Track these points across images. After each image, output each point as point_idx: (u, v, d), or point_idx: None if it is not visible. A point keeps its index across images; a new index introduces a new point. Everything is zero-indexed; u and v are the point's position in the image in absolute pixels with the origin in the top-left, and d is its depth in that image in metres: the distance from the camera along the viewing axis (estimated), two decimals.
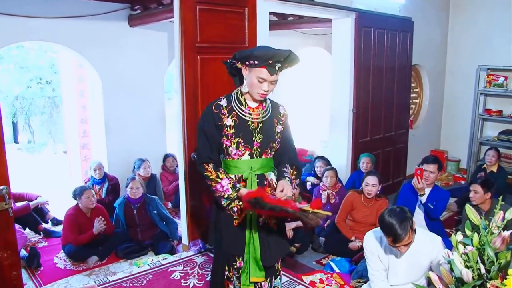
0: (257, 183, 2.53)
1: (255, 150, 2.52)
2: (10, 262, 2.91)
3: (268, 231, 2.57)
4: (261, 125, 2.53)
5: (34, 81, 12.09)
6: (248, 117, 2.51)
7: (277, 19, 6.84)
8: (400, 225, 2.66)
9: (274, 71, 2.38)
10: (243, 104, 2.52)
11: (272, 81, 2.42)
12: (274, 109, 2.61)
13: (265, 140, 2.54)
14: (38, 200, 5.42)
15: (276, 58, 2.35)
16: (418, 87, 7.54)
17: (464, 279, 1.84)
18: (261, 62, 2.35)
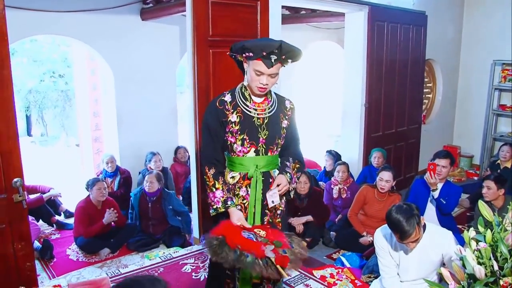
0: (263, 181, 2.49)
1: (261, 147, 2.47)
2: (24, 253, 2.95)
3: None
4: (266, 121, 2.47)
5: (47, 74, 12.20)
6: (254, 113, 2.45)
7: (289, 13, 6.82)
8: (407, 222, 2.66)
9: (270, 64, 2.30)
10: (248, 100, 2.46)
11: (270, 75, 2.34)
12: (280, 103, 2.56)
13: (271, 137, 2.48)
14: (51, 192, 5.47)
15: (267, 49, 2.27)
16: (431, 81, 7.47)
17: (476, 276, 1.83)
18: (255, 54, 2.29)
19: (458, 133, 8.04)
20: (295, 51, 2.37)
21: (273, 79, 2.37)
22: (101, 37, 5.65)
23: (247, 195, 2.50)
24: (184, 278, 3.65)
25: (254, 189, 2.47)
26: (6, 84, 2.71)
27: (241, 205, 2.51)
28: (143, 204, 4.95)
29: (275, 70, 2.34)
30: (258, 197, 2.47)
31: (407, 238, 2.69)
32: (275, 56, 2.29)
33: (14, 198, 2.83)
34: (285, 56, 2.34)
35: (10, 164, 2.79)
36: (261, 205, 2.48)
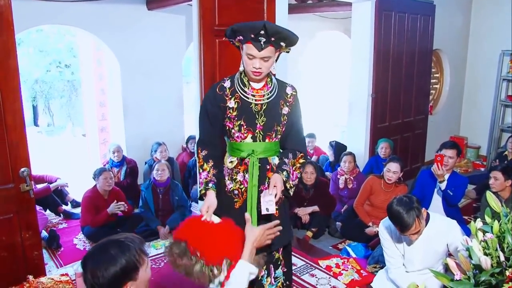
0: (259, 167, 2.48)
1: (258, 133, 2.46)
2: (32, 242, 2.97)
3: (268, 217, 2.42)
4: (265, 107, 2.45)
5: (53, 64, 12.22)
6: (251, 99, 2.43)
7: (296, 2, 6.78)
8: (407, 214, 2.67)
9: (259, 46, 2.26)
10: (246, 86, 2.44)
11: (263, 58, 2.30)
12: (281, 89, 2.50)
13: (269, 123, 2.45)
14: (58, 182, 5.49)
15: (253, 30, 2.25)
16: (438, 72, 7.42)
17: (482, 266, 1.82)
18: (245, 37, 2.29)
19: (465, 124, 8.00)
20: (283, 33, 2.29)
21: (266, 63, 2.33)
22: (107, 27, 5.64)
23: (244, 181, 2.51)
24: None
25: (251, 174, 2.46)
26: (12, 74, 2.72)
27: (238, 190, 2.53)
28: (154, 196, 4.97)
29: (266, 53, 2.29)
30: (254, 183, 2.45)
31: (407, 231, 2.70)
32: (264, 38, 2.25)
33: (21, 188, 2.85)
34: (274, 38, 2.28)
35: (17, 154, 2.81)
36: (257, 191, 2.45)
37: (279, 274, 2.69)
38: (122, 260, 1.63)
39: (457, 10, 7.21)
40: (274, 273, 2.67)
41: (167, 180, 4.99)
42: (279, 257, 2.68)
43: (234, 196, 2.56)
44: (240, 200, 2.54)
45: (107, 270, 1.60)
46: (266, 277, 2.65)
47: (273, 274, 2.67)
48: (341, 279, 3.62)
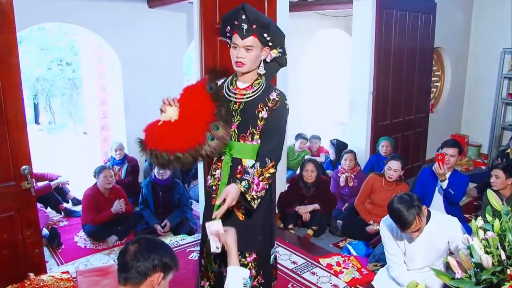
0: (230, 166, 2.45)
1: (233, 132, 2.43)
2: (33, 240, 2.98)
3: (231, 218, 2.43)
4: (242, 107, 2.41)
5: (54, 62, 12.22)
6: (232, 97, 2.43)
7: (297, 0, 6.77)
8: (407, 212, 2.68)
9: (242, 33, 2.26)
10: (232, 84, 2.46)
11: (245, 47, 2.29)
12: (265, 93, 2.41)
13: (243, 123, 2.42)
14: (59, 180, 5.50)
15: (234, 15, 2.29)
16: (439, 70, 7.41)
17: (483, 265, 1.82)
18: (231, 26, 2.33)
19: (466, 122, 7.99)
20: (261, 19, 2.29)
21: (249, 54, 2.30)
22: (108, 24, 5.64)
23: (220, 177, 2.49)
24: (190, 265, 3.67)
25: (222, 172, 2.47)
26: (14, 72, 2.72)
27: (216, 186, 2.53)
28: (154, 194, 4.98)
29: (249, 42, 2.28)
30: (223, 181, 2.44)
31: (408, 228, 2.70)
32: (245, 25, 2.26)
33: (23, 186, 2.85)
34: (255, 25, 2.26)
35: (18, 152, 2.81)
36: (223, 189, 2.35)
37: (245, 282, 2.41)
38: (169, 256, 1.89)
39: (458, 8, 7.20)
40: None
41: (168, 178, 4.99)
42: (248, 264, 2.56)
43: (212, 192, 2.57)
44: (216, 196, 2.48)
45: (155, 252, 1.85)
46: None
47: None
48: (342, 277, 3.62)
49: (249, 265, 2.56)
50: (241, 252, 2.45)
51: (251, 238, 2.50)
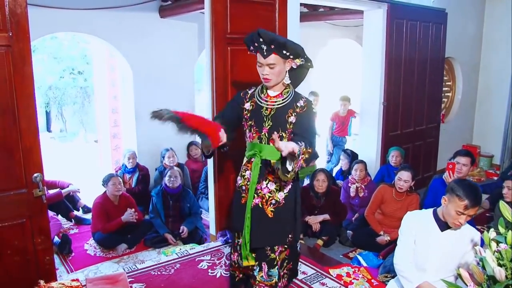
0: (260, 167, 2.64)
1: (264, 135, 2.64)
2: (44, 247, 2.99)
3: (261, 215, 2.65)
4: (273, 113, 2.62)
5: (66, 71, 12.35)
6: (264, 104, 2.64)
7: (308, 11, 6.79)
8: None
9: (262, 53, 2.49)
10: (263, 93, 2.67)
11: (269, 65, 2.49)
12: (294, 100, 2.63)
13: (274, 128, 2.60)
14: (70, 188, 5.54)
15: (252, 40, 2.51)
16: (450, 80, 7.37)
17: (496, 277, 1.80)
18: (253, 47, 2.56)
19: (477, 132, 7.93)
20: (277, 40, 2.46)
21: (273, 70, 2.51)
22: (120, 34, 5.69)
23: (250, 178, 2.69)
24: (200, 275, 3.66)
25: (252, 171, 2.66)
26: (27, 81, 2.75)
27: (245, 186, 2.72)
28: (165, 202, 4.99)
29: (271, 60, 2.48)
30: (253, 180, 2.65)
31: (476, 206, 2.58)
32: (264, 46, 2.47)
33: (34, 193, 2.87)
34: (273, 46, 2.45)
35: (30, 160, 2.83)
36: (254, 188, 2.65)
37: (273, 274, 2.76)
38: None
39: (470, 18, 7.18)
40: (268, 271, 2.75)
41: (178, 187, 5.00)
42: (275, 258, 2.75)
43: (242, 191, 2.75)
44: (246, 196, 2.70)
45: None
46: (258, 271, 2.76)
47: (266, 270, 2.75)
48: None
49: (276, 258, 2.74)
50: (271, 247, 2.70)
51: (279, 234, 2.71)
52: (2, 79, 2.67)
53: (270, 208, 2.66)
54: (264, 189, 2.66)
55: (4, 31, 2.64)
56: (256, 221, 2.64)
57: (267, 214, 2.66)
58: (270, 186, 2.65)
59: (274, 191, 2.65)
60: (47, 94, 12.91)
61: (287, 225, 2.73)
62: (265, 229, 2.65)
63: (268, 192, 2.65)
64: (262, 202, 2.65)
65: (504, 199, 3.94)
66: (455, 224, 2.65)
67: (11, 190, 2.81)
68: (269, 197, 2.65)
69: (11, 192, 2.81)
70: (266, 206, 2.66)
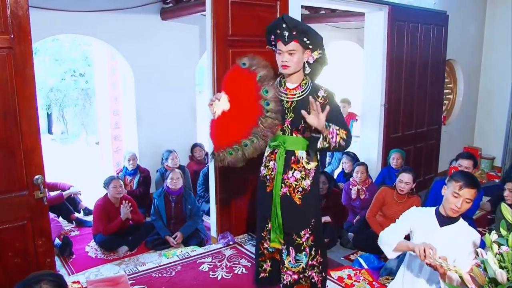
0: (285, 158, 2.79)
1: (286, 127, 2.76)
2: (44, 249, 3.00)
3: (290, 202, 2.82)
4: (294, 105, 2.73)
5: (68, 73, 12.36)
6: (284, 97, 2.75)
7: (309, 13, 6.80)
8: None
9: (284, 40, 2.59)
10: (282, 86, 2.78)
11: (288, 51, 2.60)
12: (313, 91, 2.74)
13: (296, 119, 2.71)
14: (71, 190, 5.54)
15: (276, 25, 2.61)
16: (452, 82, 7.37)
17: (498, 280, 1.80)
18: (275, 36, 2.65)
19: (479, 134, 7.93)
20: (301, 25, 2.60)
21: (292, 57, 2.62)
22: (121, 36, 5.70)
23: (274, 168, 2.84)
24: (201, 277, 3.66)
25: (277, 163, 2.80)
26: (29, 83, 2.76)
27: (270, 176, 2.89)
28: (167, 204, 4.99)
29: (291, 47, 2.60)
30: (279, 170, 2.79)
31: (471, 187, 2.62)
32: (286, 32, 2.57)
33: (35, 195, 2.88)
34: (295, 32, 2.56)
35: (31, 161, 2.84)
36: (281, 178, 2.80)
37: (301, 258, 2.91)
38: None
39: (471, 20, 7.18)
40: (296, 255, 2.90)
41: (180, 188, 5.00)
42: (303, 243, 2.89)
43: (266, 181, 2.91)
44: (271, 185, 2.87)
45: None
46: (286, 255, 2.93)
47: (293, 255, 2.90)
48: None
49: (303, 244, 2.90)
50: (297, 232, 2.87)
51: (306, 219, 2.88)
52: (4, 81, 2.68)
53: (297, 196, 2.82)
54: (290, 178, 2.80)
55: (6, 33, 2.65)
56: (286, 208, 2.81)
57: (295, 201, 2.82)
58: (296, 175, 2.79)
59: (300, 179, 2.80)
60: (48, 96, 12.93)
61: (313, 210, 2.91)
62: (294, 216, 2.83)
63: (295, 181, 2.80)
64: (289, 190, 2.81)
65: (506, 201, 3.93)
66: (453, 210, 2.67)
67: (12, 192, 2.82)
68: (296, 185, 2.81)
69: (12, 194, 2.82)
70: (294, 194, 2.81)
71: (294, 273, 2.94)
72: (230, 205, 4.36)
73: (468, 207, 2.69)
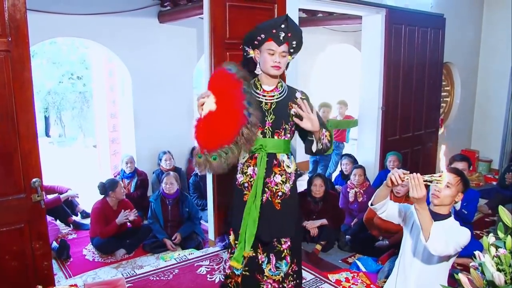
0: (267, 161, 2.66)
1: (267, 129, 2.64)
2: (42, 252, 2.99)
3: (269, 208, 2.67)
4: (274, 106, 2.65)
5: (65, 76, 12.36)
6: (262, 99, 2.65)
7: (306, 16, 6.81)
8: None
9: (279, 41, 2.52)
10: (258, 88, 2.67)
11: (281, 53, 2.54)
12: (291, 93, 2.70)
13: (277, 121, 2.64)
14: (69, 193, 5.53)
15: (277, 24, 2.52)
16: (449, 85, 7.39)
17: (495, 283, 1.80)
18: (266, 35, 2.53)
19: (476, 137, 7.94)
20: (299, 31, 2.60)
21: (283, 59, 2.56)
22: (119, 39, 5.70)
23: (254, 174, 2.69)
24: (199, 280, 3.65)
25: (258, 167, 2.66)
26: (26, 85, 2.76)
27: (248, 183, 2.71)
28: (163, 207, 4.99)
29: (284, 48, 2.55)
30: (260, 175, 2.65)
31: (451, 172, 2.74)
32: (283, 33, 2.52)
33: (33, 198, 2.87)
34: (291, 34, 2.54)
35: (29, 164, 2.83)
36: (262, 183, 2.65)
37: (281, 266, 2.79)
38: None
39: (468, 23, 7.20)
40: (276, 263, 2.79)
41: (176, 192, 5.00)
42: (284, 251, 2.78)
43: (244, 189, 2.74)
44: (248, 193, 2.71)
45: None
46: (266, 263, 2.80)
47: (274, 262, 2.79)
48: None
49: (284, 252, 2.78)
50: (278, 239, 2.75)
51: (287, 226, 2.75)
52: (1, 84, 2.67)
53: (277, 200, 2.70)
54: (271, 183, 2.69)
55: (3, 36, 2.64)
56: (266, 215, 2.66)
57: (275, 206, 2.70)
58: (276, 179, 2.68)
59: (281, 183, 2.69)
60: (46, 99, 12.92)
61: (293, 216, 2.79)
62: (274, 222, 2.69)
63: (275, 185, 2.69)
64: (270, 195, 2.69)
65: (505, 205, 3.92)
66: (433, 196, 2.78)
67: (9, 195, 2.81)
68: (276, 189, 2.69)
69: (10, 197, 2.81)
70: (274, 199, 2.70)
71: (274, 282, 2.81)
72: (228, 208, 4.35)
73: (449, 193, 2.74)
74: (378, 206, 2.91)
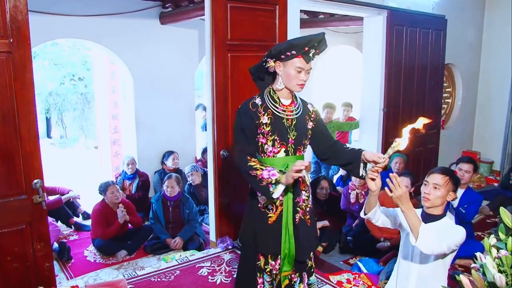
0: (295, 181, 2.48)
1: (290, 147, 2.54)
2: (43, 254, 2.99)
3: (304, 227, 2.59)
4: (295, 122, 2.54)
5: (67, 77, 12.37)
6: (283, 114, 2.51)
7: (308, 17, 6.81)
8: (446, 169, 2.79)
9: (309, 59, 2.44)
10: (277, 102, 2.52)
11: (308, 70, 2.46)
12: (304, 106, 2.63)
13: (299, 137, 2.55)
14: (70, 194, 5.53)
15: (311, 43, 2.40)
16: (450, 86, 7.38)
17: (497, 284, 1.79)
18: (297, 51, 2.40)
19: (478, 138, 7.93)
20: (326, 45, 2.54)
21: (308, 75, 2.49)
22: (120, 40, 5.71)
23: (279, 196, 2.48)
24: (200, 281, 3.65)
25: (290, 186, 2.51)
26: (28, 87, 2.76)
27: (272, 204, 2.55)
28: (165, 208, 5.00)
29: (310, 65, 2.48)
30: (289, 195, 2.54)
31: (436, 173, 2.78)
32: (313, 50, 2.44)
33: (34, 199, 2.87)
34: (319, 50, 2.49)
35: (30, 166, 2.83)
36: (292, 203, 2.55)
37: (313, 281, 2.77)
38: None
39: (469, 24, 7.20)
40: (308, 280, 2.74)
41: (177, 194, 5.00)
42: (312, 265, 2.75)
43: (268, 211, 2.56)
44: (274, 215, 2.56)
45: None
46: (299, 283, 2.71)
47: (306, 281, 2.73)
48: None
49: (312, 266, 2.77)
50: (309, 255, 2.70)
51: (314, 239, 2.74)
52: (3, 85, 2.68)
53: (307, 217, 2.64)
54: (301, 201, 2.59)
55: (5, 38, 2.65)
56: (301, 234, 2.57)
57: (307, 223, 2.63)
58: (303, 196, 2.61)
59: (306, 199, 2.63)
60: (47, 100, 12.93)
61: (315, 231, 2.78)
62: (307, 239, 2.62)
63: (303, 202, 2.60)
64: (302, 214, 2.60)
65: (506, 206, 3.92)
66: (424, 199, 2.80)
67: (11, 196, 2.81)
68: (305, 206, 2.61)
69: (11, 198, 2.81)
70: (306, 216, 2.63)
71: None
72: (229, 209, 4.35)
73: (440, 194, 2.73)
74: (370, 215, 2.86)
